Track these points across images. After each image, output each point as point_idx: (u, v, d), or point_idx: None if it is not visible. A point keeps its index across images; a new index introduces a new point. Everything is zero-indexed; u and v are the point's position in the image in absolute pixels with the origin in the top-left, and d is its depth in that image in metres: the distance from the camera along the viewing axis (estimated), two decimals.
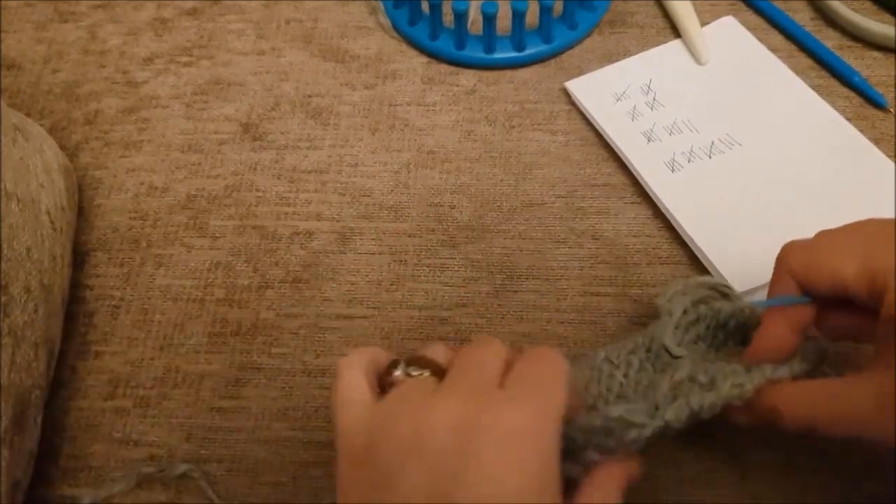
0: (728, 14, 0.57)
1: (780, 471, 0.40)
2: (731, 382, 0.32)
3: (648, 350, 0.36)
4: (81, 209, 0.51)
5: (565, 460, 0.30)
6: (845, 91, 0.53)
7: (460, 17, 0.53)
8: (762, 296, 0.45)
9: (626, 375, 0.36)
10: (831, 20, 0.56)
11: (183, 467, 0.41)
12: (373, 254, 0.48)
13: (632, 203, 0.49)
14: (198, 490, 0.41)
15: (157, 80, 0.57)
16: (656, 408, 0.31)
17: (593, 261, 0.47)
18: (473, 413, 0.27)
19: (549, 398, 0.29)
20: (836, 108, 0.51)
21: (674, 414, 0.31)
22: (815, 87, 0.53)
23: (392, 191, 0.51)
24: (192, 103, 0.56)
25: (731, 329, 0.37)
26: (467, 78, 0.56)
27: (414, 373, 0.31)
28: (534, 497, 0.27)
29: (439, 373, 0.31)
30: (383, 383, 0.32)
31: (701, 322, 0.37)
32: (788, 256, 0.34)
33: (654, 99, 0.53)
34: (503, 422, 0.27)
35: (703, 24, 0.56)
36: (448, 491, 0.26)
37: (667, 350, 0.36)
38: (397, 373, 0.32)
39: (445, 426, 0.27)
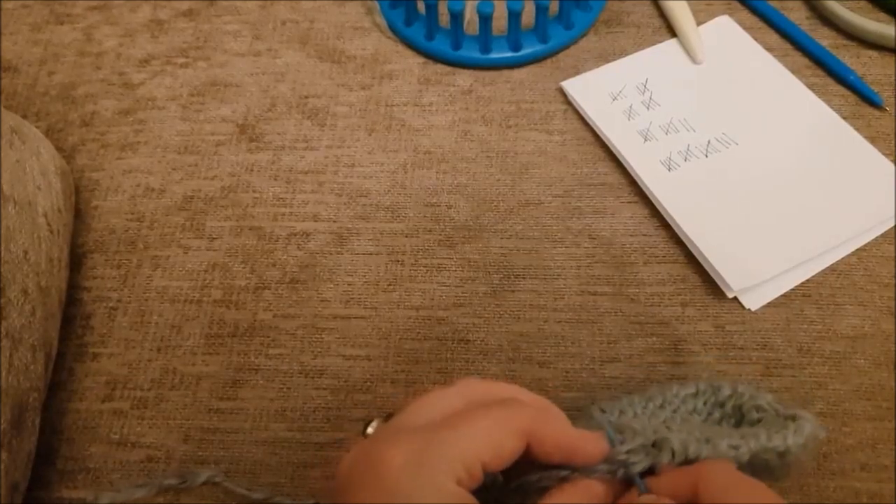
0: (724, 13, 0.57)
1: None
2: (728, 443, 0.32)
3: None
4: (78, 211, 0.51)
5: (541, 471, 0.31)
6: (841, 90, 0.53)
7: (456, 17, 0.53)
8: (760, 293, 0.45)
9: (638, 413, 0.36)
10: (827, 19, 0.56)
11: (204, 475, 0.41)
12: (370, 254, 0.48)
13: (628, 202, 0.49)
14: (198, 491, 0.41)
15: (154, 81, 0.57)
16: (654, 445, 0.31)
17: (590, 260, 0.47)
18: (370, 447, 0.30)
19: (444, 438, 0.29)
20: (831, 107, 0.52)
21: (668, 456, 0.31)
22: (811, 86, 0.53)
23: (389, 191, 0.51)
24: (189, 105, 0.56)
25: (729, 410, 0.37)
26: (464, 78, 0.56)
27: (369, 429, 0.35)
28: None
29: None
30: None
31: (699, 396, 0.37)
32: None
33: (651, 98, 0.53)
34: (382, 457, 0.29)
35: (699, 23, 0.56)
36: None
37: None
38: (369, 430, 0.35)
39: (347, 458, 0.31)
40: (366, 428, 0.35)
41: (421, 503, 0.28)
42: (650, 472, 0.31)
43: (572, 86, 0.54)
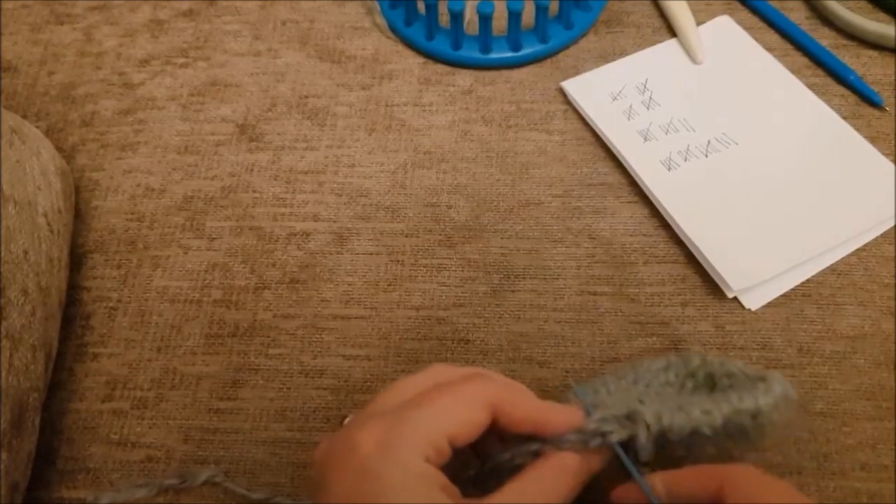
0: (724, 13, 0.57)
1: (776, 471, 0.40)
2: (700, 409, 0.32)
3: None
4: (78, 211, 0.51)
5: (515, 447, 0.31)
6: (841, 90, 0.53)
7: (456, 17, 0.53)
8: (760, 293, 0.45)
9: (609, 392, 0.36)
10: (827, 19, 0.56)
11: (204, 475, 0.41)
12: (370, 254, 0.48)
13: (628, 202, 0.49)
14: (198, 491, 0.41)
15: (154, 81, 0.57)
16: (627, 417, 0.32)
17: (590, 260, 0.47)
18: (342, 434, 0.31)
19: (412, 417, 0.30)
20: (831, 107, 0.52)
21: (643, 429, 0.31)
22: (811, 86, 0.53)
23: (389, 191, 0.51)
24: (189, 104, 0.56)
25: (701, 379, 0.37)
26: (464, 78, 0.56)
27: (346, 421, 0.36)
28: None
29: None
30: None
31: (670, 369, 0.37)
32: None
33: (651, 98, 0.53)
34: (355, 441, 0.30)
35: (699, 23, 0.56)
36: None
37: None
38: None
39: (320, 449, 0.32)
40: (342, 422, 0.36)
41: (390, 482, 0.28)
42: (637, 459, 0.31)
43: (572, 86, 0.54)
